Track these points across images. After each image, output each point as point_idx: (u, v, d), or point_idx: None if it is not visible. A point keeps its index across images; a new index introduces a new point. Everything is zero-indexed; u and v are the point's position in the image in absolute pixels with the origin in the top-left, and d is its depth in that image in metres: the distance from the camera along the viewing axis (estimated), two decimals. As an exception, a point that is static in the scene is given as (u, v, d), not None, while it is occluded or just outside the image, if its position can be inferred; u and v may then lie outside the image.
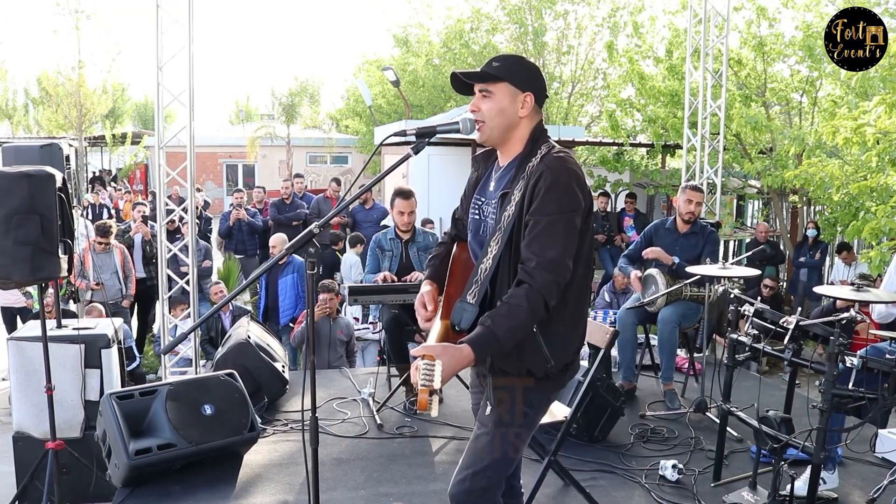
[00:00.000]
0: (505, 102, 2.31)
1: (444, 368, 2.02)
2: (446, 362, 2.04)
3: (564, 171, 2.24)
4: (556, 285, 2.20)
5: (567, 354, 2.39)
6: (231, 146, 27.05)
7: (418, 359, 2.04)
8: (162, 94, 6.27)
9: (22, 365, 4.53)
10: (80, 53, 20.59)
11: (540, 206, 2.21)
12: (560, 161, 2.26)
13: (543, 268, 2.17)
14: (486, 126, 2.33)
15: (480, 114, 2.32)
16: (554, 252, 2.18)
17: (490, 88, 2.31)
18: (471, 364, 2.13)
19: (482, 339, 2.13)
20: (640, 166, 12.62)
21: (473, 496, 2.37)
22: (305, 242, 2.22)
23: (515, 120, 2.34)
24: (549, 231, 2.19)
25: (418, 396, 1.98)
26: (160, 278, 6.61)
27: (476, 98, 2.34)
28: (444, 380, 2.02)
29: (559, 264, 2.19)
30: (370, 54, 28.13)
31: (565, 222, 2.21)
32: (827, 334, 3.35)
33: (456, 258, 2.57)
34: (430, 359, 2.02)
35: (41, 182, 3.94)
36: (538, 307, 2.17)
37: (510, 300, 2.18)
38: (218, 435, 4.03)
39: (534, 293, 2.16)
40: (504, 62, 2.32)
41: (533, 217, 2.22)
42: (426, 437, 4.67)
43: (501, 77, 2.29)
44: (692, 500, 3.84)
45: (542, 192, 2.20)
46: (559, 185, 2.21)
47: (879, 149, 6.45)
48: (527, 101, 2.33)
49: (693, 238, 5.37)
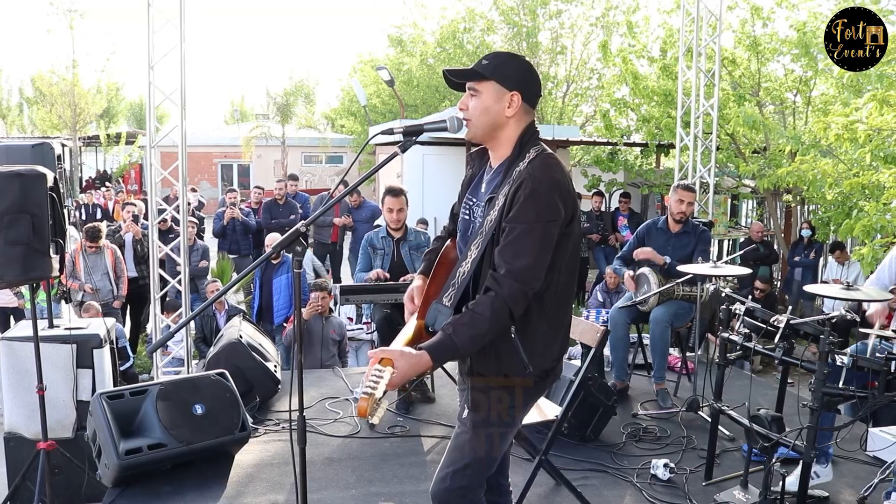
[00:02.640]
0: (489, 101, 2.29)
1: (396, 375, 2.02)
2: (402, 367, 2.05)
3: (546, 180, 2.21)
4: (524, 294, 2.18)
5: (547, 361, 2.38)
6: (226, 146, 27.03)
7: (370, 361, 2.05)
8: (153, 94, 6.26)
9: (13, 365, 4.50)
10: (75, 53, 20.61)
11: (517, 214, 2.19)
12: (544, 169, 2.24)
13: (512, 276, 2.16)
14: (471, 124, 2.32)
15: (467, 112, 2.31)
16: (524, 261, 2.17)
17: (477, 87, 2.29)
18: (428, 369, 2.13)
19: (441, 346, 2.13)
20: (634, 166, 12.63)
21: (454, 495, 2.37)
22: (293, 241, 2.22)
23: (501, 119, 2.32)
24: (522, 239, 2.18)
25: (358, 402, 1.96)
26: (152, 278, 6.59)
27: (465, 95, 2.33)
28: (393, 386, 2.02)
29: (528, 273, 2.18)
30: (365, 54, 28.12)
31: (541, 232, 2.19)
32: (818, 333, 3.35)
33: (444, 256, 2.57)
34: (387, 363, 2.02)
35: (32, 181, 3.92)
36: (502, 316, 2.16)
37: (474, 308, 2.17)
38: (209, 435, 4.02)
39: (499, 302, 2.15)
40: (493, 60, 2.30)
41: (509, 224, 2.21)
42: (418, 437, 4.66)
43: (487, 75, 2.27)
44: (684, 499, 3.84)
45: (521, 199, 2.19)
46: (538, 193, 2.19)
47: (872, 146, 6.46)
48: (513, 101, 2.30)
49: (685, 237, 5.37)
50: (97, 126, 25.69)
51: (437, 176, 12.26)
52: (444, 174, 12.12)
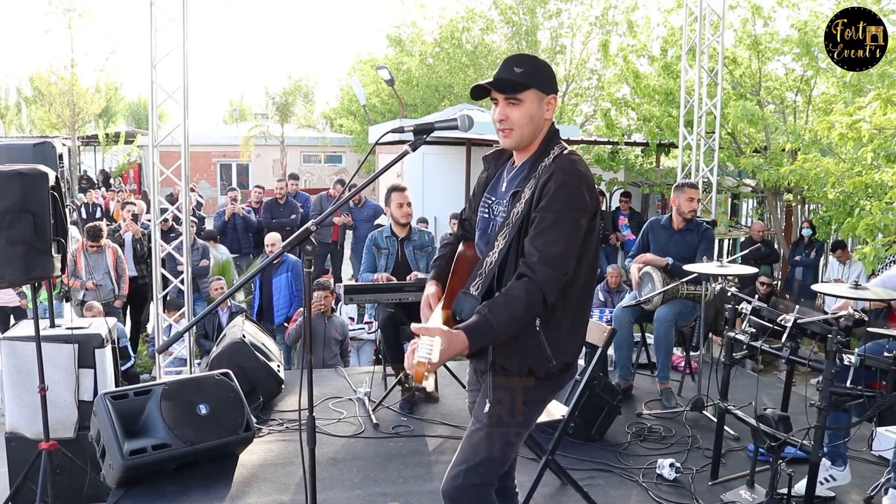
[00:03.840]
0: (534, 109, 2.31)
1: (443, 348, 1.99)
2: (445, 344, 2.02)
3: (575, 172, 2.25)
4: (557, 282, 2.19)
5: (568, 354, 2.39)
6: (225, 145, 26.95)
7: (416, 337, 2.02)
8: (156, 92, 6.24)
9: (15, 365, 4.49)
10: (73, 52, 20.56)
11: (548, 204, 2.21)
12: (572, 163, 2.28)
13: (545, 263, 2.17)
14: (515, 133, 2.32)
15: (509, 122, 2.31)
16: (557, 248, 2.18)
17: (519, 96, 2.29)
18: (464, 351, 2.09)
19: (478, 327, 2.11)
20: (634, 165, 12.61)
21: (466, 492, 2.36)
22: (303, 240, 2.20)
23: (542, 123, 2.36)
24: (554, 228, 2.19)
25: (415, 368, 1.93)
26: (154, 277, 6.57)
27: (502, 106, 2.32)
28: (441, 360, 1.98)
29: (561, 261, 2.19)
30: (364, 54, 28.12)
31: (571, 221, 2.21)
32: (825, 332, 3.34)
33: (461, 255, 2.57)
34: (431, 335, 2.00)
35: (34, 181, 3.90)
36: (536, 302, 2.16)
37: (509, 292, 2.17)
38: (213, 435, 4.01)
39: (533, 287, 2.15)
40: (526, 67, 2.30)
41: (539, 213, 2.22)
42: (422, 437, 4.64)
43: (529, 84, 2.28)
44: (690, 499, 3.83)
45: (551, 190, 2.21)
46: (569, 185, 2.22)
47: (875, 145, 6.45)
48: (551, 104, 2.35)
49: (688, 235, 5.35)
50: (96, 125, 25.64)
51: (438, 176, 12.25)
52: (444, 174, 12.12)
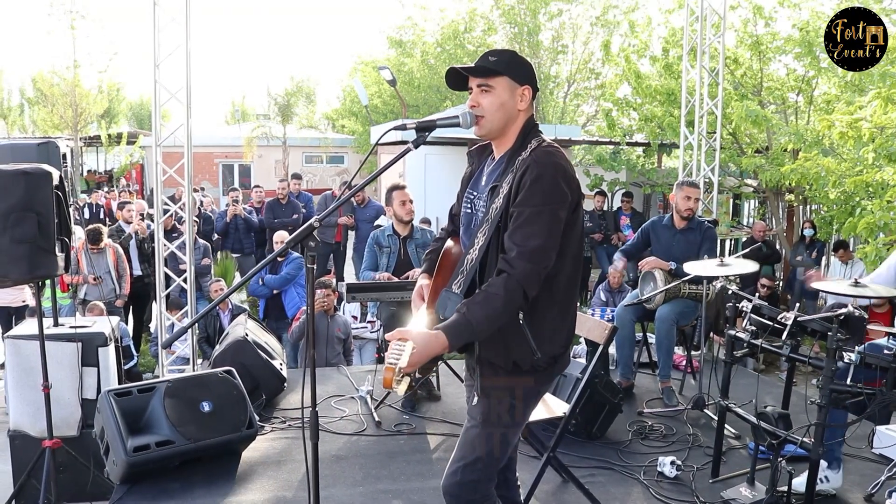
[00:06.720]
0: (505, 96, 2.32)
1: (415, 352, 2.04)
2: (420, 347, 2.06)
3: (551, 164, 2.25)
4: (537, 275, 2.20)
5: (555, 347, 2.39)
6: (227, 146, 26.97)
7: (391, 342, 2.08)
8: (159, 92, 6.26)
9: (19, 363, 4.51)
10: (76, 53, 20.58)
11: (525, 198, 2.22)
12: (548, 155, 2.27)
13: (524, 257, 2.18)
14: (485, 120, 2.34)
15: (480, 108, 2.33)
16: (536, 241, 2.19)
17: (490, 83, 2.31)
18: (445, 350, 2.13)
19: (456, 326, 2.14)
20: (636, 165, 12.62)
21: (465, 489, 2.38)
22: (306, 236, 2.22)
23: (515, 113, 2.35)
24: (532, 221, 2.20)
25: (383, 374, 1.99)
26: (157, 276, 6.60)
27: (475, 93, 2.34)
28: (414, 364, 2.04)
29: (541, 254, 2.20)
30: (366, 55, 28.13)
31: (550, 214, 2.21)
32: (825, 330, 3.35)
33: (447, 252, 2.59)
34: (403, 340, 2.05)
35: (38, 180, 3.92)
36: (516, 297, 2.18)
37: (488, 289, 2.19)
38: (216, 432, 4.03)
39: (512, 282, 2.17)
40: (501, 56, 2.33)
41: (517, 208, 2.23)
42: (424, 435, 4.66)
43: (500, 71, 2.30)
44: (690, 497, 3.84)
45: (528, 183, 2.22)
46: (545, 177, 2.22)
47: (876, 144, 6.46)
48: (525, 95, 2.35)
49: (690, 234, 5.36)
50: (98, 126, 25.67)
51: (440, 175, 12.25)
52: (446, 174, 12.10)
